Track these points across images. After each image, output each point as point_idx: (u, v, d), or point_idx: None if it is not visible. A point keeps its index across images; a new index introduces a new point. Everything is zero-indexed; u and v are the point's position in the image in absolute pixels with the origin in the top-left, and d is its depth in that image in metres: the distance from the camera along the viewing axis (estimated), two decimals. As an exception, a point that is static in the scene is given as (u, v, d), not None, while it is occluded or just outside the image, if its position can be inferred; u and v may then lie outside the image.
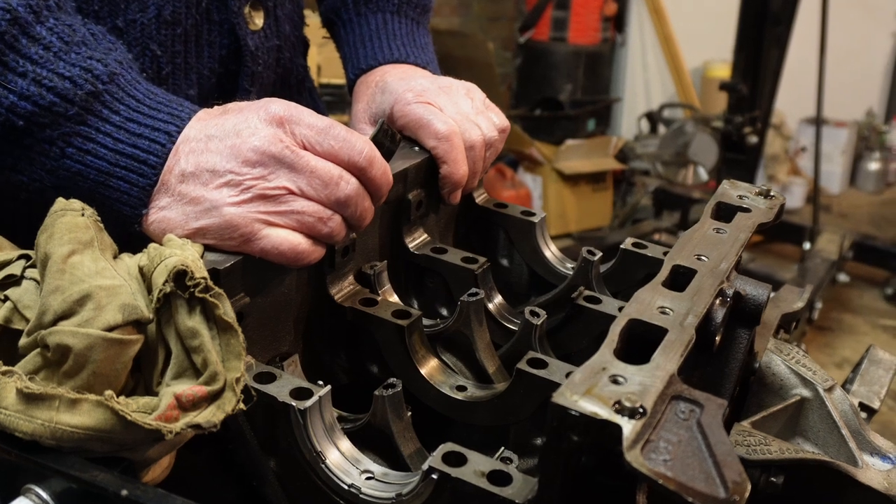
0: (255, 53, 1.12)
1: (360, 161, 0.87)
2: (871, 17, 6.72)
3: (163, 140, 0.84)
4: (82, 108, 0.83)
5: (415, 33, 1.29)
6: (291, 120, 0.85)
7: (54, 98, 0.82)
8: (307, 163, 0.84)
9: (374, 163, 0.88)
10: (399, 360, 0.94)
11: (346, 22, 1.30)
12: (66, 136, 0.83)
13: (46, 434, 0.65)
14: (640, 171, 5.89)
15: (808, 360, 0.93)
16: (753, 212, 0.96)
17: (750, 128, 4.24)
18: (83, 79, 0.83)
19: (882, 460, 0.85)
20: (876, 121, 6.97)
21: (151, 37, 1.02)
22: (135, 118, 0.85)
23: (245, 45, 1.11)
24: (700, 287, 0.79)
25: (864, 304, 4.91)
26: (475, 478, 0.70)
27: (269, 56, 1.17)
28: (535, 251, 1.19)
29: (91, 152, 0.84)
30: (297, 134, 0.85)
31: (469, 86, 1.18)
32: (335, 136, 0.86)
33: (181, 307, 0.72)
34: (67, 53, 0.84)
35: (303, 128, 0.85)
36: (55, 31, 0.85)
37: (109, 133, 0.84)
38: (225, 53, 1.10)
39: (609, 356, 0.66)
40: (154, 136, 0.84)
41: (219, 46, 1.09)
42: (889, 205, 6.64)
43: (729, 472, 0.58)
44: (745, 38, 4.18)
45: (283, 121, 0.85)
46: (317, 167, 0.84)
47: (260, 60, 1.13)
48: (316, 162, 0.85)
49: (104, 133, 0.84)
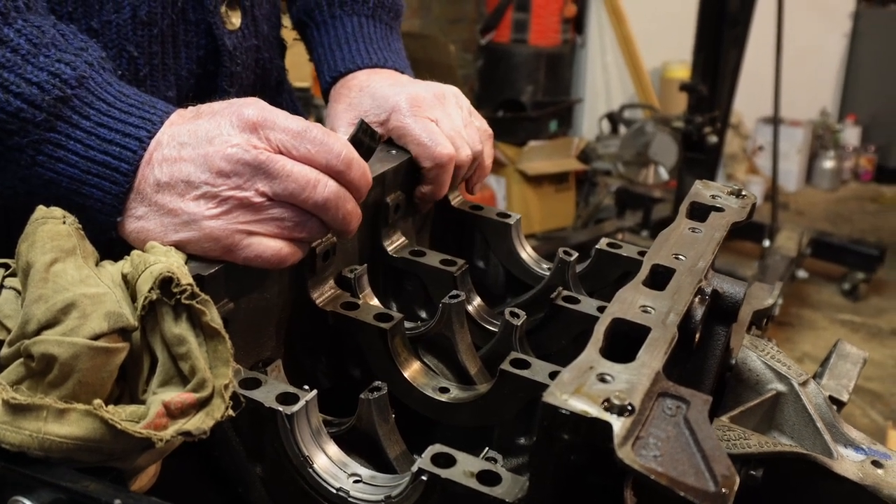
0: (234, 53, 1.11)
1: (337, 164, 0.86)
2: (825, 18, 6.86)
3: (134, 146, 0.83)
4: (51, 115, 0.82)
5: (389, 38, 1.29)
6: (265, 124, 0.84)
7: (21, 104, 0.81)
8: (282, 167, 0.83)
9: (352, 165, 0.87)
10: (381, 363, 0.94)
11: (319, 24, 1.30)
12: (35, 144, 0.82)
13: (34, 445, 0.64)
14: (601, 172, 5.95)
15: (783, 355, 0.96)
16: (727, 211, 0.98)
17: (710, 128, 4.30)
18: (51, 84, 0.82)
19: (856, 451, 0.88)
20: (830, 120, 7.12)
21: (127, 38, 1.01)
22: (105, 123, 0.83)
23: (223, 44, 1.10)
24: (679, 286, 0.80)
25: (823, 299, 5.02)
26: (465, 478, 0.70)
27: (248, 56, 1.16)
28: (510, 253, 1.20)
29: (62, 160, 0.83)
30: (272, 139, 0.84)
31: (456, 92, 1.19)
32: (311, 139, 0.85)
33: (167, 314, 0.71)
34: (36, 56, 0.83)
35: (277, 132, 0.84)
36: (23, 34, 0.83)
37: (80, 139, 0.83)
38: (203, 54, 1.09)
39: (595, 355, 0.68)
40: (125, 142, 0.83)
41: (196, 47, 1.08)
42: (844, 202, 6.79)
43: (718, 466, 0.59)
44: (704, 39, 4.24)
45: (256, 125, 0.83)
46: (292, 171, 0.83)
47: (238, 60, 1.13)
48: (292, 166, 0.84)
49: (74, 139, 0.83)
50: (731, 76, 4.29)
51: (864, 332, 4.62)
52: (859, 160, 7.15)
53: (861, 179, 7.18)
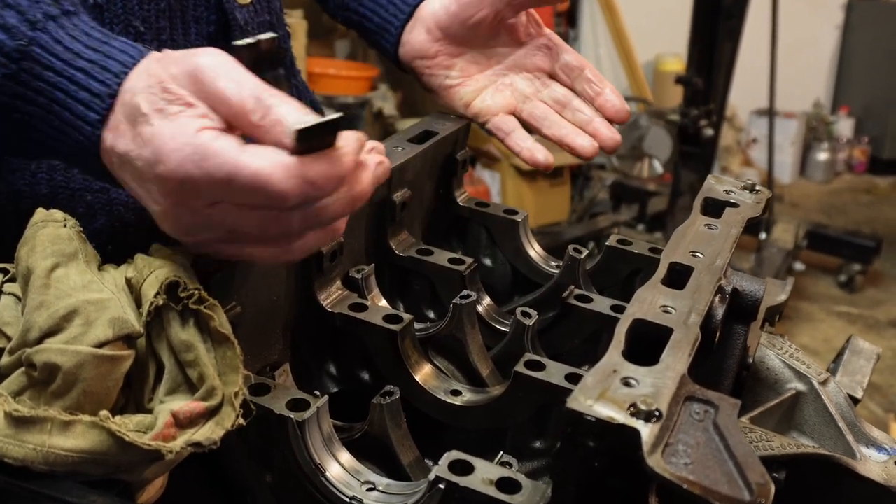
0: (245, 28, 1.06)
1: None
2: (818, 10, 6.85)
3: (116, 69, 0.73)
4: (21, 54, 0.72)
5: None
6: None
7: None
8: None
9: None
10: (391, 366, 0.92)
11: None
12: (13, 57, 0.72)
13: (39, 459, 0.62)
14: (596, 166, 5.93)
15: (801, 353, 0.94)
16: (741, 206, 0.96)
17: (706, 121, 4.28)
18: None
19: (878, 452, 0.86)
20: (823, 112, 7.12)
21: (133, 13, 0.97)
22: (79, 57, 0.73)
23: (233, 19, 1.05)
24: (699, 284, 0.78)
25: (820, 291, 5.01)
26: (484, 486, 0.68)
27: (261, 33, 1.11)
28: (518, 250, 1.18)
29: (49, 66, 0.72)
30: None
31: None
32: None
33: (174, 320, 0.69)
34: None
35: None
36: None
37: (59, 54, 0.72)
38: (213, 30, 1.05)
39: (618, 358, 0.65)
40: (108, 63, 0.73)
41: (206, 22, 1.04)
42: (838, 194, 6.79)
43: (752, 473, 0.57)
44: (699, 32, 4.21)
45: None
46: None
47: (250, 36, 1.08)
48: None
49: (54, 55, 0.73)
50: (727, 69, 4.27)
51: (862, 324, 4.62)
52: (853, 152, 7.15)
53: (855, 171, 7.18)
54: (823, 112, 7.10)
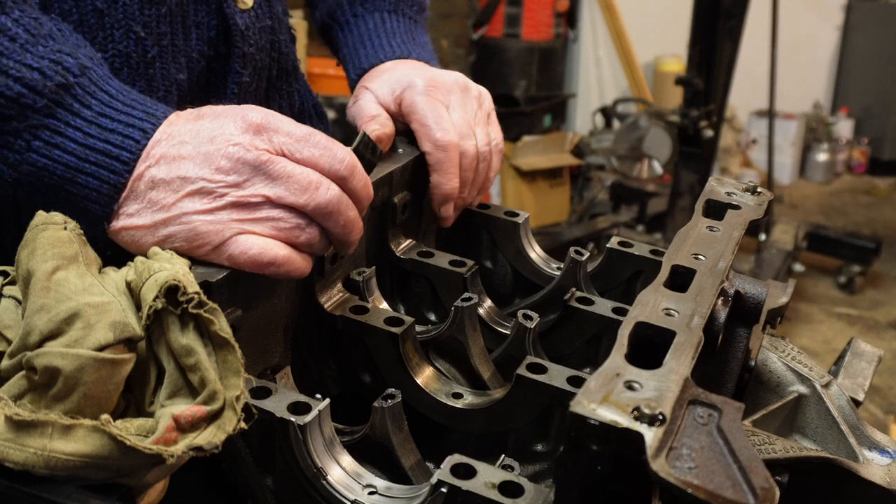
0: (246, 34, 1.07)
1: (340, 169, 0.84)
2: (818, 11, 6.86)
3: (137, 136, 0.80)
4: (52, 101, 0.79)
5: (414, 31, 1.26)
6: (269, 127, 0.82)
7: (22, 89, 0.78)
8: (283, 169, 0.81)
9: (355, 172, 0.85)
10: (392, 369, 0.91)
11: (342, 24, 1.27)
12: (33, 129, 0.79)
13: (40, 463, 0.62)
14: (595, 166, 5.93)
15: (803, 356, 0.93)
16: (743, 209, 0.96)
17: (705, 122, 4.27)
18: (53, 70, 0.79)
19: (881, 455, 0.86)
20: (823, 113, 7.12)
21: (134, 17, 0.97)
22: (108, 113, 0.81)
23: (234, 24, 1.06)
24: (702, 287, 0.78)
25: (819, 292, 5.01)
26: (486, 490, 0.68)
27: (262, 38, 1.12)
28: (519, 252, 1.18)
29: (59, 146, 0.79)
30: (275, 142, 0.82)
31: (484, 92, 1.17)
32: (315, 143, 0.83)
33: (173, 324, 0.69)
34: (35, 45, 0.80)
35: (281, 135, 0.82)
36: (21, 23, 0.80)
37: (80, 127, 0.80)
38: (214, 35, 1.06)
39: (621, 361, 0.65)
40: (128, 132, 0.80)
41: (207, 27, 1.05)
42: (837, 195, 6.79)
43: (756, 477, 0.57)
44: (700, 32, 4.21)
45: (260, 128, 0.81)
46: (294, 173, 0.81)
47: (251, 41, 1.08)
48: (293, 168, 0.81)
49: (74, 127, 0.79)
50: (727, 70, 4.27)
51: (861, 325, 4.62)
52: (852, 153, 7.15)
53: (854, 172, 7.18)
54: (823, 113, 7.11)
